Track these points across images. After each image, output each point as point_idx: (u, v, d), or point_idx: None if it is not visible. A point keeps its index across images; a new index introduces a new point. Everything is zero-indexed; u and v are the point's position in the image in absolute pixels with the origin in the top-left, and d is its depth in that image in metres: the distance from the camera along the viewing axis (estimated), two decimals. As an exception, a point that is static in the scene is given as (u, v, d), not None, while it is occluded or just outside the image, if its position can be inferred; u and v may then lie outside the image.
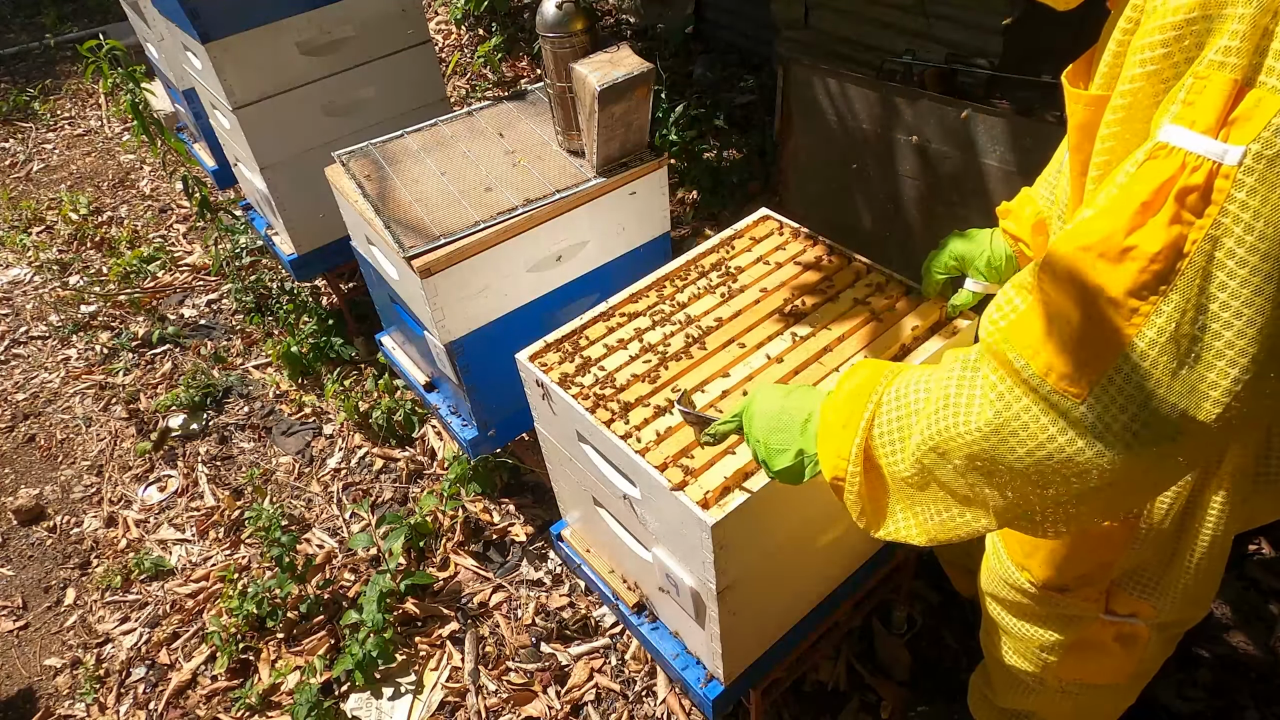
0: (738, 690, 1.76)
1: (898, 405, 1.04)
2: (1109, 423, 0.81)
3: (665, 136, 3.91)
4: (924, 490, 1.02)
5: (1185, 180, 0.74)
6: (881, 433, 1.05)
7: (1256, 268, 0.73)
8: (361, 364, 3.40)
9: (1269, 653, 2.17)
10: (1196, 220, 0.74)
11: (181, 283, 4.07)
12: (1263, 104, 0.70)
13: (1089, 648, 1.46)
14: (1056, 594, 1.39)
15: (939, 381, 0.98)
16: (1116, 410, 0.81)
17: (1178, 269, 0.75)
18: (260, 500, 2.96)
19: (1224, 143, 0.72)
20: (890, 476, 1.06)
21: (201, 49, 2.61)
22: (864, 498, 1.10)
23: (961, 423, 0.92)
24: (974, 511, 0.98)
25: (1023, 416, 0.86)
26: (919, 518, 1.06)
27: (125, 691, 2.53)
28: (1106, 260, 0.79)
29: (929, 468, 0.98)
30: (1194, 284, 0.75)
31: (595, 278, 2.28)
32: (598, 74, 1.90)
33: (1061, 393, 0.83)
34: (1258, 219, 0.72)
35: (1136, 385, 0.79)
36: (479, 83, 4.92)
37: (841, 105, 2.67)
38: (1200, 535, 1.25)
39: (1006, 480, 0.91)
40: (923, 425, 0.98)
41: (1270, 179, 0.71)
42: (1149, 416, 0.79)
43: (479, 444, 2.39)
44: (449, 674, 2.40)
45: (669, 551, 1.56)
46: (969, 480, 0.95)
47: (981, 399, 0.90)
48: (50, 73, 6.18)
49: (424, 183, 2.17)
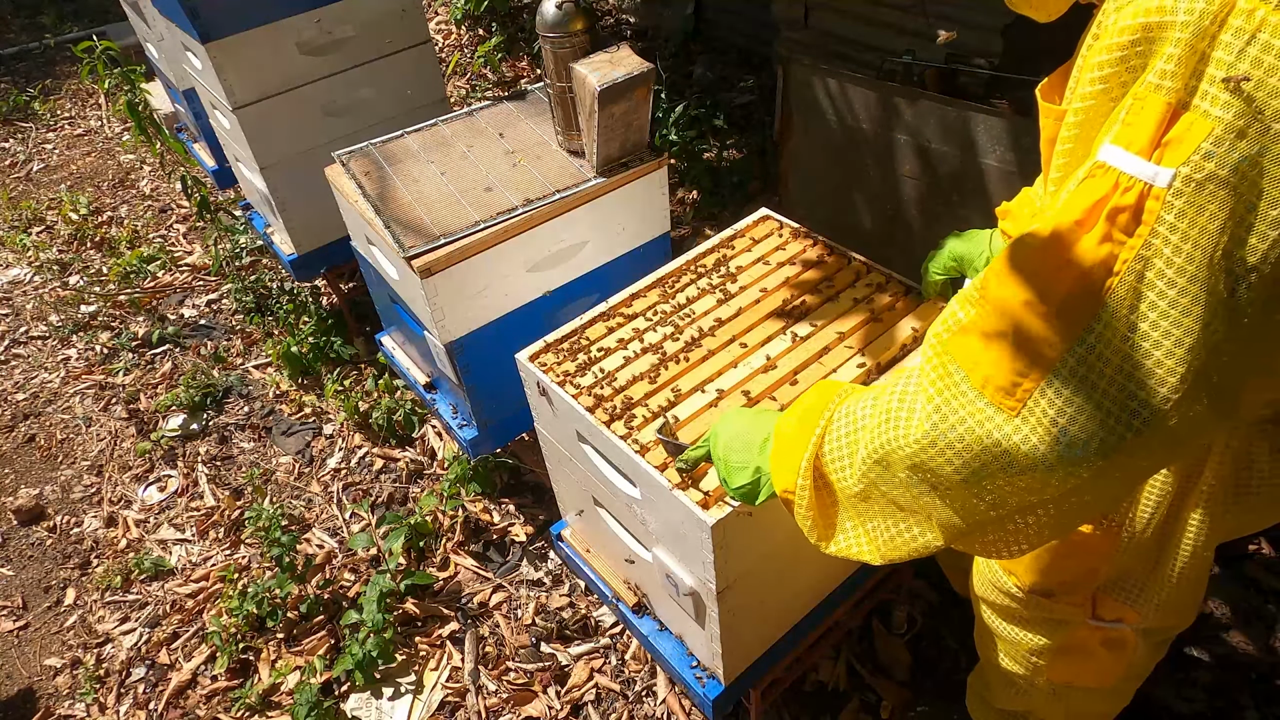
0: (738, 690, 1.76)
1: (847, 421, 1.04)
2: (1040, 437, 0.81)
3: (665, 136, 3.91)
4: (872, 505, 1.03)
5: (1117, 200, 0.75)
6: (831, 449, 1.06)
7: (1184, 289, 0.73)
8: (361, 364, 3.40)
9: (1269, 653, 2.17)
10: (1128, 240, 0.75)
11: (181, 283, 4.07)
12: (1194, 128, 0.70)
13: (1077, 652, 1.47)
14: (1042, 598, 1.41)
15: (885, 396, 0.98)
16: (1048, 424, 0.81)
17: (1108, 287, 0.76)
18: (260, 500, 2.96)
19: (1156, 165, 0.72)
20: (840, 492, 1.07)
21: (201, 49, 2.61)
22: (814, 512, 1.11)
23: (902, 434, 0.92)
24: (920, 527, 0.99)
25: (958, 428, 0.87)
26: (869, 534, 1.06)
27: (125, 691, 2.53)
28: (1040, 277, 0.80)
29: (875, 481, 0.99)
30: (1124, 303, 0.76)
31: (595, 278, 2.28)
32: (598, 74, 1.90)
33: (997, 405, 0.83)
34: (1185, 241, 0.72)
35: (1066, 401, 0.79)
36: (479, 83, 4.92)
37: (841, 105, 2.67)
38: (1181, 546, 1.26)
39: (947, 492, 0.91)
40: (867, 439, 0.99)
41: (1198, 203, 0.71)
42: (1078, 432, 0.80)
43: (479, 444, 2.39)
44: (449, 674, 2.40)
45: (669, 551, 1.56)
46: (912, 493, 0.95)
47: (920, 411, 0.91)
48: (50, 73, 6.18)
49: (424, 183, 2.17)
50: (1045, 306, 0.79)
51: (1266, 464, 1.17)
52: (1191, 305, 0.73)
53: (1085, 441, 0.80)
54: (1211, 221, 0.70)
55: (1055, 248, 0.79)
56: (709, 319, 1.74)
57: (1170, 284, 0.73)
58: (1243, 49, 0.67)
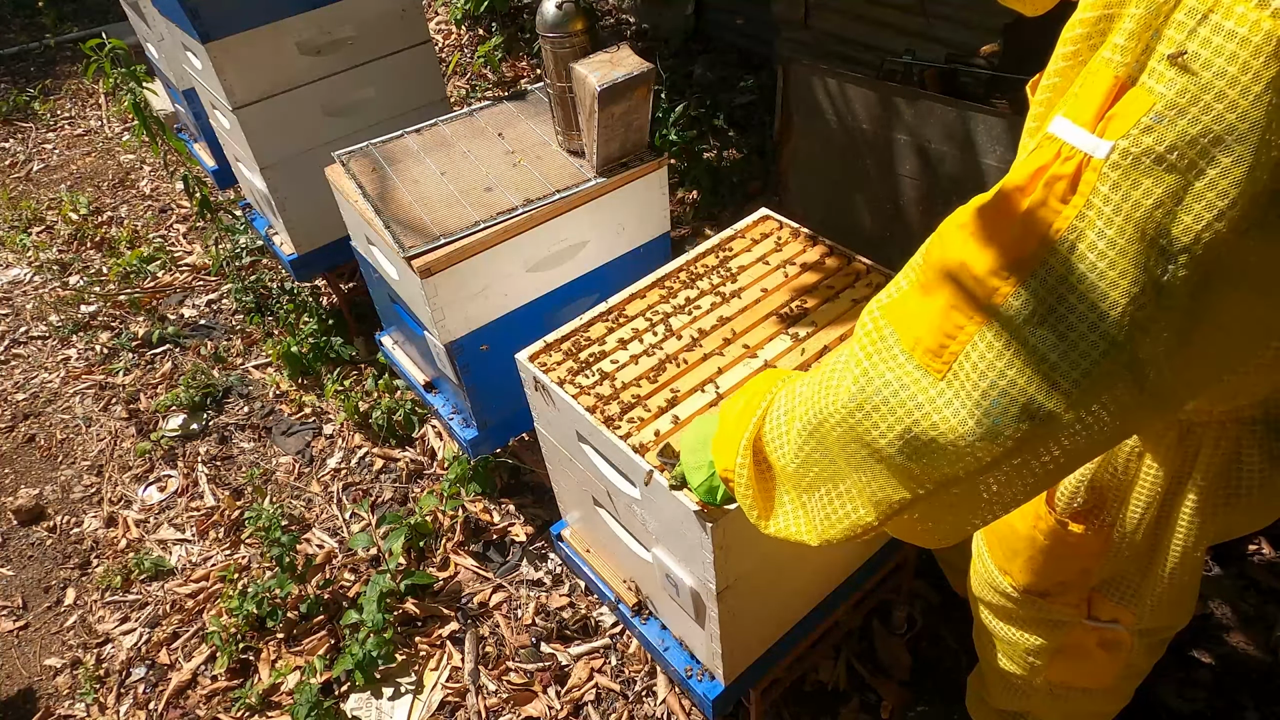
0: (738, 690, 1.76)
1: (786, 401, 1.05)
2: (964, 400, 0.81)
3: (665, 136, 3.91)
4: (809, 481, 1.02)
5: (1056, 169, 0.74)
6: (771, 428, 1.06)
7: (1114, 262, 0.72)
8: (361, 364, 3.40)
9: (1269, 653, 2.17)
10: (1063, 209, 0.74)
11: (181, 283, 4.07)
12: (1136, 102, 0.70)
13: (1074, 652, 1.48)
14: (1038, 599, 1.41)
15: (821, 370, 0.98)
16: (970, 388, 0.80)
17: (1039, 255, 0.75)
18: (260, 500, 2.96)
19: (1098, 137, 0.72)
20: (780, 471, 1.06)
21: (201, 49, 2.61)
22: (753, 490, 1.10)
23: (832, 400, 0.92)
24: (854, 503, 0.98)
25: (884, 391, 0.86)
26: (807, 513, 1.05)
27: (125, 691, 2.53)
28: (977, 239, 0.79)
29: (810, 454, 0.98)
30: (1054, 272, 0.75)
31: (595, 278, 2.28)
32: (598, 74, 1.90)
33: (925, 368, 0.83)
34: (1118, 214, 0.71)
35: (989, 366, 0.79)
36: (479, 83, 4.92)
37: (841, 105, 2.67)
38: (1172, 547, 1.26)
39: (879, 463, 0.91)
40: (802, 412, 0.98)
41: (1134, 177, 0.70)
42: (999, 398, 0.79)
43: (479, 444, 2.39)
44: (449, 674, 2.40)
45: (669, 551, 1.56)
46: (846, 464, 0.95)
47: (849, 375, 0.90)
48: (50, 73, 6.18)
49: (424, 183, 2.17)
50: (977, 271, 0.79)
51: (1256, 465, 1.18)
52: (1119, 279, 0.72)
53: (1005, 409, 0.79)
54: (1146, 197, 0.70)
55: (993, 212, 0.79)
56: (709, 319, 1.74)
57: (1101, 256, 0.73)
58: (1194, 28, 0.67)
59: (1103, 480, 1.25)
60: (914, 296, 0.86)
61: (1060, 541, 1.31)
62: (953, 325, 0.81)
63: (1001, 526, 1.41)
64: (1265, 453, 1.17)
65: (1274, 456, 1.18)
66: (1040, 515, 1.31)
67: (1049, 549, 1.33)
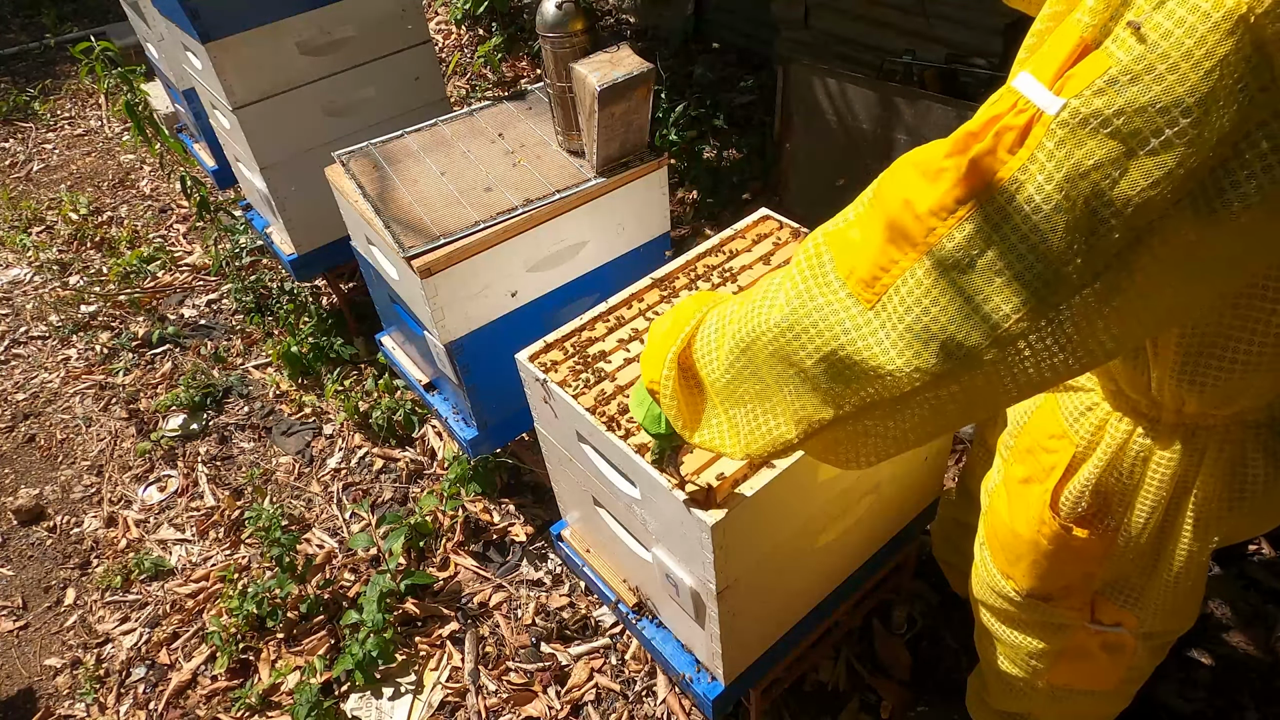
0: (738, 690, 1.76)
1: (718, 318, 1.06)
2: (889, 331, 0.83)
3: (665, 136, 3.91)
4: (737, 395, 1.04)
5: (1009, 119, 0.75)
6: (701, 345, 1.08)
7: (1048, 216, 0.73)
8: (361, 364, 3.40)
9: (1269, 653, 2.17)
10: (1009, 160, 0.75)
11: (181, 283, 4.07)
12: (1094, 65, 0.70)
13: (1076, 655, 1.48)
14: (1040, 602, 1.41)
15: (755, 291, 1.00)
16: (896, 320, 0.83)
17: (978, 201, 0.77)
18: (260, 500, 2.96)
19: (1054, 94, 0.73)
20: (709, 386, 1.08)
21: (201, 49, 2.61)
22: (679, 401, 1.12)
23: (764, 319, 0.94)
24: (778, 419, 1.00)
25: (814, 315, 0.89)
26: (733, 426, 1.07)
27: (125, 691, 2.53)
28: (924, 176, 0.81)
29: (740, 371, 1.01)
30: (990, 219, 0.76)
31: (595, 278, 2.28)
32: (598, 74, 1.90)
33: (856, 296, 0.85)
34: (1059, 170, 0.72)
35: (916, 301, 0.81)
36: (479, 83, 4.92)
37: (841, 105, 2.67)
38: (1177, 551, 1.26)
39: (804, 383, 0.93)
40: (734, 329, 1.01)
41: (1080, 136, 0.71)
42: (922, 333, 0.82)
43: (479, 444, 2.39)
44: (449, 674, 2.40)
45: (669, 551, 1.56)
46: (774, 381, 0.97)
47: (783, 296, 0.92)
48: (50, 73, 6.18)
49: (424, 183, 2.17)
50: (919, 207, 0.80)
51: (1261, 469, 1.17)
52: (1050, 234, 0.74)
53: (926, 344, 0.82)
54: (1088, 158, 0.71)
55: (944, 154, 0.80)
56: (709, 319, 1.74)
57: (1036, 210, 0.74)
58: (1162, 1, 0.67)
59: (1107, 485, 1.25)
60: (857, 226, 0.88)
61: (1064, 546, 1.31)
62: (888, 258, 0.83)
63: (1004, 531, 1.41)
64: (1270, 456, 1.17)
65: (1279, 460, 1.17)
66: (1044, 520, 1.31)
67: (1052, 553, 1.32)
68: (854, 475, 1.61)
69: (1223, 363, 1.01)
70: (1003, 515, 1.41)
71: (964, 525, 2.01)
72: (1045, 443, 1.31)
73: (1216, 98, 0.66)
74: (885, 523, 1.88)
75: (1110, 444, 1.22)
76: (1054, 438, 1.29)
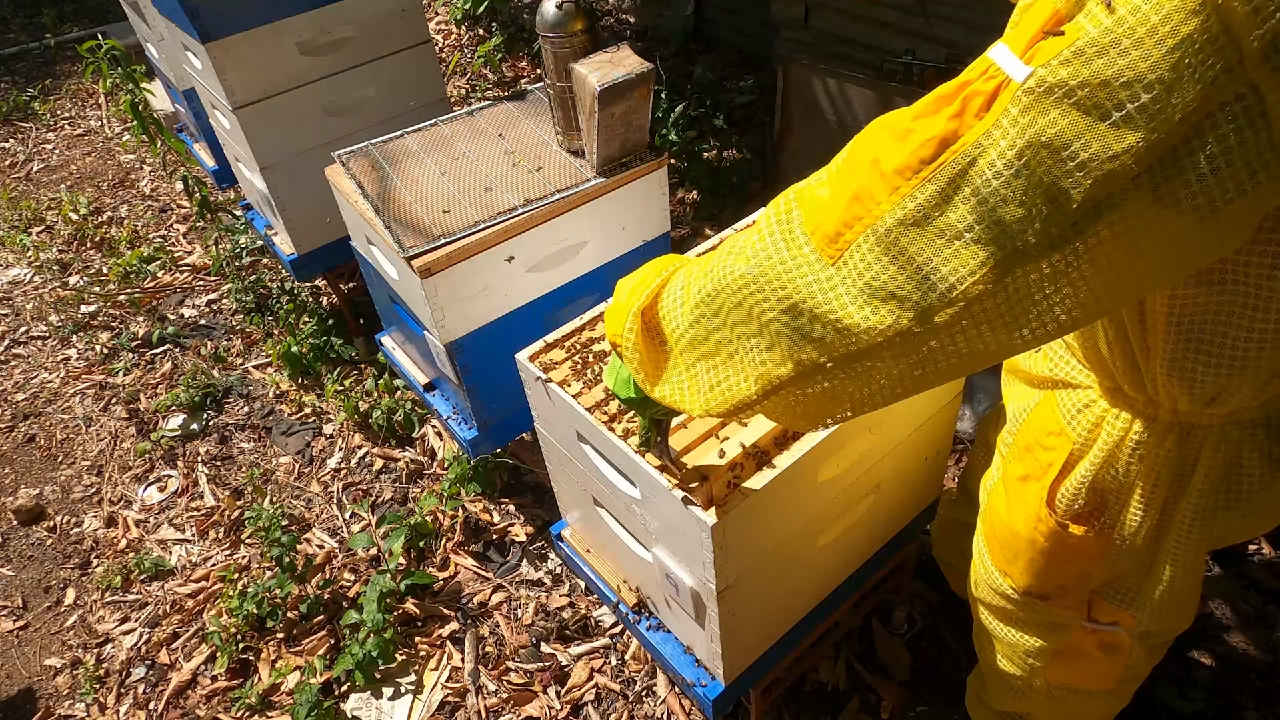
0: (738, 690, 1.76)
1: (685, 277, 1.07)
2: (848, 288, 0.84)
3: (665, 136, 3.91)
4: (699, 352, 1.05)
5: (978, 85, 0.76)
6: (668, 299, 1.09)
7: (1008, 182, 0.74)
8: (361, 364, 3.40)
9: (1269, 653, 2.17)
10: (974, 125, 0.76)
11: (181, 283, 4.07)
12: (1064, 36, 0.71)
13: (1074, 654, 1.48)
14: (1038, 601, 1.41)
15: (725, 246, 1.00)
16: (854, 278, 0.84)
17: (941, 161, 0.77)
18: (260, 500, 2.96)
19: (1023, 63, 0.73)
20: (673, 341, 1.09)
21: (201, 49, 2.61)
22: (640, 354, 1.11)
23: (728, 273, 0.95)
24: (738, 374, 1.00)
25: (778, 268, 0.89)
26: (694, 382, 1.07)
27: (125, 691, 2.53)
28: (893, 136, 0.81)
29: (704, 326, 1.01)
30: (952, 182, 0.77)
31: (595, 278, 2.28)
32: (598, 74, 1.90)
33: (819, 252, 0.86)
34: (1021, 137, 0.72)
35: (875, 259, 0.82)
36: (479, 83, 4.92)
37: (841, 105, 2.67)
38: (1173, 551, 1.26)
39: (766, 338, 0.94)
40: (699, 284, 1.01)
41: (1044, 104, 0.71)
42: (880, 289, 0.82)
43: (479, 444, 2.39)
44: (449, 674, 2.40)
45: (669, 551, 1.56)
46: (734, 336, 0.98)
47: (748, 250, 0.93)
48: (50, 73, 6.18)
49: (424, 183, 2.17)
50: (885, 166, 0.81)
51: (1256, 470, 1.18)
52: (1010, 198, 0.74)
53: (884, 300, 0.83)
54: (1050, 127, 0.71)
55: (915, 116, 0.80)
56: (709, 319, 1.74)
57: (996, 175, 0.74)
58: None
59: (1104, 482, 1.26)
60: (827, 185, 0.88)
61: (1061, 544, 1.31)
62: (851, 215, 0.84)
63: (1002, 528, 1.41)
64: (1265, 457, 1.17)
65: (1274, 461, 1.18)
66: (1041, 518, 1.31)
67: (1050, 551, 1.33)
68: (855, 475, 1.61)
69: (1210, 359, 1.02)
70: (1001, 513, 1.41)
71: (965, 525, 2.01)
72: (1043, 440, 1.31)
73: (1180, 75, 0.66)
74: (885, 523, 1.88)
75: (1107, 441, 1.23)
76: (1052, 435, 1.30)
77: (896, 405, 0.96)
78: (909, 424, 1.67)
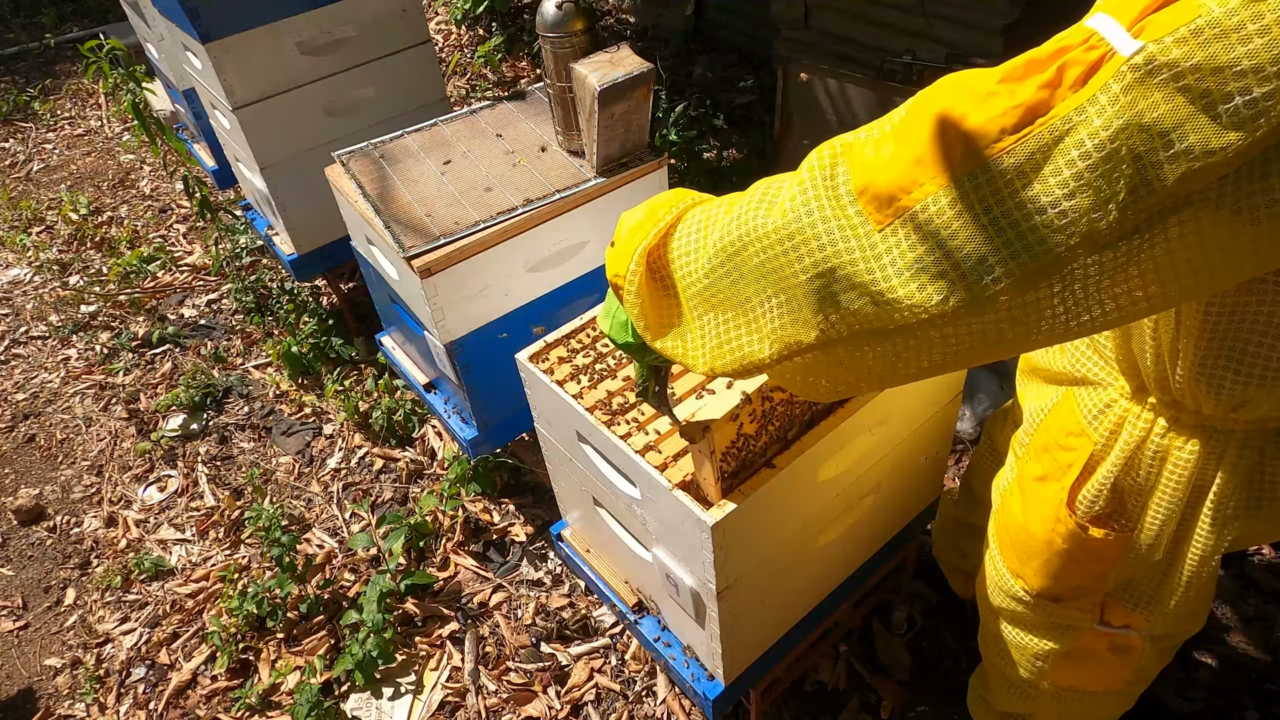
0: (738, 690, 1.76)
1: (700, 217, 0.98)
2: (895, 258, 0.77)
3: (665, 136, 3.91)
4: (711, 304, 0.96)
5: (1078, 54, 0.70)
6: (679, 244, 0.99)
7: (1094, 164, 0.68)
8: (361, 364, 3.40)
9: (1269, 653, 2.17)
10: (1069, 97, 0.70)
11: (181, 283, 4.07)
12: (1181, 12, 0.66)
13: (1083, 656, 1.47)
14: (1051, 603, 1.39)
15: (749, 193, 0.92)
16: (907, 248, 0.76)
17: (1026, 133, 0.71)
18: (260, 500, 2.96)
19: (1131, 36, 0.67)
20: (683, 289, 0.99)
21: (201, 49, 2.61)
22: (643, 300, 1.02)
23: (760, 222, 0.87)
24: (753, 335, 0.92)
25: (819, 226, 0.82)
26: (702, 336, 0.99)
27: (125, 691, 2.53)
28: (972, 99, 0.74)
29: (721, 278, 0.93)
30: (1032, 157, 0.71)
31: (595, 278, 2.28)
32: (598, 74, 1.90)
33: (866, 215, 0.79)
34: (1118, 118, 0.67)
35: (932, 231, 0.75)
36: (479, 83, 4.92)
37: (841, 105, 2.67)
38: (1190, 554, 1.25)
39: (792, 298, 0.86)
40: (722, 229, 0.93)
41: (1149, 85, 0.66)
42: (934, 264, 0.75)
43: (479, 444, 2.39)
44: (449, 674, 2.40)
45: (669, 551, 1.56)
46: (754, 293, 0.90)
47: (786, 200, 0.85)
48: (50, 73, 6.18)
49: (424, 183, 2.17)
50: (956, 130, 0.74)
51: (1279, 474, 1.16)
52: (1093, 181, 0.69)
53: (935, 277, 0.76)
54: (1151, 110, 0.66)
55: (1000, 78, 0.74)
56: (709, 319, 1.74)
57: (1085, 155, 0.69)
58: None
59: (1124, 484, 1.24)
60: (883, 142, 0.81)
61: (1080, 546, 1.29)
62: (910, 179, 0.76)
63: (1016, 529, 1.39)
64: None
65: None
66: (1060, 519, 1.29)
67: (1067, 553, 1.31)
68: (855, 475, 1.61)
69: (1240, 369, 1.00)
70: (1016, 514, 1.39)
71: (967, 525, 2.01)
72: (1063, 440, 1.29)
73: None
74: (885, 523, 1.87)
75: (1128, 442, 1.21)
76: (1072, 435, 1.27)
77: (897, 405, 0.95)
78: (909, 424, 1.66)
